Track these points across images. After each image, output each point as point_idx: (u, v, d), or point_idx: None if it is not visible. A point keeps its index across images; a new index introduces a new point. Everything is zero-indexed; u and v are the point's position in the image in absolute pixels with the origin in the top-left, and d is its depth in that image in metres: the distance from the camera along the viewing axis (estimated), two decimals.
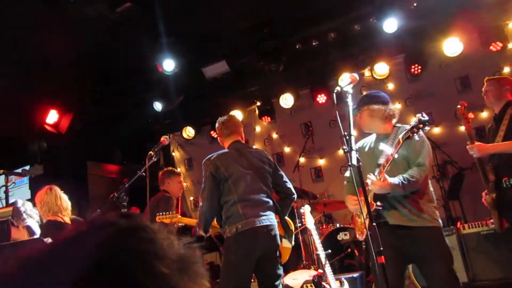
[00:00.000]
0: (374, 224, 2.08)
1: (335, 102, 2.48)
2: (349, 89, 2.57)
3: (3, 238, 3.79)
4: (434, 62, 6.43)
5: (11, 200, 4.92)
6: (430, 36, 6.18)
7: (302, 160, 7.03)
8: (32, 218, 4.30)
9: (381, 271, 1.99)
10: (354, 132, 2.39)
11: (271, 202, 3.44)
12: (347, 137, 2.29)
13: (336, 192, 7.08)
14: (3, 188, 5.35)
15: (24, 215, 4.18)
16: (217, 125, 3.76)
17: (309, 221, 4.03)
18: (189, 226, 4.51)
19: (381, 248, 2.05)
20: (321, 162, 7.37)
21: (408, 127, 2.70)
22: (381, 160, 2.88)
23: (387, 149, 2.82)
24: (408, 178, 2.77)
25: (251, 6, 5.70)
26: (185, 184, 8.58)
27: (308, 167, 7.36)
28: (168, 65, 5.90)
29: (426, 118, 2.58)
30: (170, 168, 5.25)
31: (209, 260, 6.46)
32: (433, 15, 5.72)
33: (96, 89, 6.90)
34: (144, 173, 2.92)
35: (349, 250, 5.03)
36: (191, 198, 8.41)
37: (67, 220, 4.00)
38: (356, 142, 2.56)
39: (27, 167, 7.31)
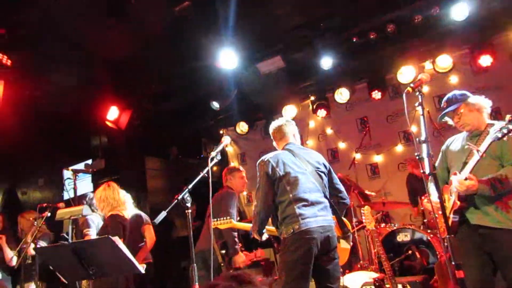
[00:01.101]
0: (452, 235, 1.96)
1: (405, 104, 2.34)
2: (421, 89, 2.42)
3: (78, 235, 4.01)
4: (503, 53, 6.01)
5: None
6: (499, 24, 5.78)
7: (358, 156, 6.86)
8: (96, 212, 4.51)
9: (461, 286, 1.87)
10: (426, 135, 2.25)
11: (327, 203, 3.38)
12: (423, 142, 2.16)
13: (394, 190, 6.86)
14: (68, 181, 5.63)
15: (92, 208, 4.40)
16: (270, 130, 3.74)
17: (369, 222, 3.91)
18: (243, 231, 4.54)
19: (461, 262, 1.93)
20: (378, 158, 7.15)
21: (500, 125, 2.53)
22: (469, 159, 2.73)
23: (476, 147, 2.66)
24: (499, 179, 2.60)
25: (306, 1, 5.59)
26: None
27: (364, 164, 7.17)
28: (226, 61, 5.92)
29: None
30: (233, 165, 5.32)
31: (264, 256, 6.47)
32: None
33: (152, 86, 7.08)
34: (206, 174, 2.94)
35: (409, 252, 4.85)
36: (244, 193, 8.47)
37: (126, 214, 4.14)
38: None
39: (89, 161, 7.66)
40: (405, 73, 6.22)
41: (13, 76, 5.88)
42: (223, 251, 4.56)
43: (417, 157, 2.21)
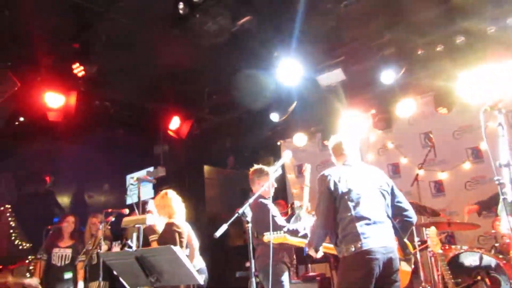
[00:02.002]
0: None
1: (483, 123, 2.20)
2: (500, 108, 2.26)
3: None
4: None
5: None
6: None
7: (421, 172, 6.56)
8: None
9: None
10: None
11: (389, 223, 3.24)
12: (504, 166, 2.00)
13: (459, 209, 6.45)
14: (131, 187, 5.86)
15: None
16: (330, 145, 3.65)
17: (435, 244, 3.70)
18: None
19: None
20: (443, 176, 6.79)
21: None
22: None
23: None
24: None
25: (369, 12, 5.48)
26: (294, 190, 8.65)
27: (427, 181, 6.83)
28: (287, 73, 5.94)
29: None
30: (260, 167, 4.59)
31: (318, 272, 6.35)
32: None
33: (213, 96, 7.24)
34: (267, 188, 2.93)
35: (478, 277, 4.53)
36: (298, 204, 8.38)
37: (178, 222, 4.21)
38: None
39: (151, 169, 7.96)
40: (474, 87, 5.88)
41: (85, 86, 6.26)
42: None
43: (497, 182, 2.06)
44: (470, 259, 4.72)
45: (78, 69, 5.66)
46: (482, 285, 4.51)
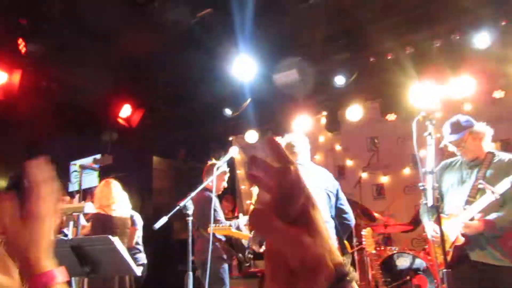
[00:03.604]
0: (449, 270, 1.95)
1: (415, 132, 2.34)
2: (432, 119, 2.41)
3: None
4: None
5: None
6: None
7: (364, 175, 6.83)
8: None
9: None
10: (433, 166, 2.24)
11: (332, 223, 3.37)
12: (429, 173, 2.14)
13: (398, 212, 6.79)
14: (74, 174, 5.68)
15: None
16: (282, 143, 3.73)
17: (369, 245, 3.89)
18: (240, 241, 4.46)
19: None
20: (384, 179, 7.11)
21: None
22: (473, 194, 2.71)
23: (491, 188, 2.61)
24: (505, 222, 2.59)
25: (328, 17, 5.62)
26: (243, 186, 8.72)
27: (369, 183, 7.12)
28: (243, 70, 5.96)
29: None
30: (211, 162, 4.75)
31: (260, 268, 6.45)
32: None
33: (168, 89, 7.14)
34: (211, 183, 2.95)
35: (407, 277, 4.79)
36: (248, 201, 8.47)
37: (115, 214, 4.13)
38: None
39: (98, 156, 7.73)
40: (419, 97, 6.19)
41: (31, 66, 5.97)
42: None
43: (421, 188, 2.20)
44: (402, 260, 4.99)
45: (21, 46, 5.39)
46: (410, 285, 4.79)
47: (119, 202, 4.17)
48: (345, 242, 3.68)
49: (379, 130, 7.23)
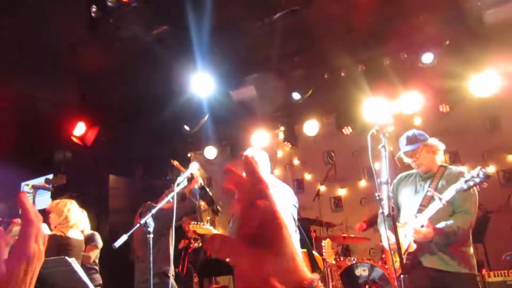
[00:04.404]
0: (406, 276, 2.03)
1: (370, 145, 2.44)
2: (385, 132, 2.53)
3: None
4: (465, 100, 6.33)
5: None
6: (460, 74, 6.12)
7: (322, 188, 6.97)
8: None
9: None
10: (386, 178, 2.34)
11: (298, 236, 3.42)
12: (384, 183, 2.25)
13: (355, 223, 6.95)
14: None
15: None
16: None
17: (329, 255, 3.97)
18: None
19: None
20: (342, 192, 7.29)
21: (464, 178, 2.65)
22: (425, 202, 2.85)
23: (439, 196, 2.76)
24: (454, 228, 2.74)
25: (283, 35, 5.77)
26: (202, 203, 8.63)
27: (328, 196, 7.29)
28: (200, 86, 5.98)
29: (488, 174, 2.56)
30: None
31: (222, 284, 6.39)
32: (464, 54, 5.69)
33: (124, 105, 7.01)
34: (171, 199, 2.92)
35: (366, 286, 4.92)
36: (208, 217, 8.39)
37: (72, 235, 3.95)
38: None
39: (50, 176, 7.43)
40: (372, 112, 6.45)
41: None
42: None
43: (377, 198, 2.30)
44: (361, 270, 5.11)
45: None
46: None
47: (76, 222, 4.00)
48: (317, 256, 3.72)
49: (335, 144, 7.43)
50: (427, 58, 5.62)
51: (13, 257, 0.75)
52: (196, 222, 4.20)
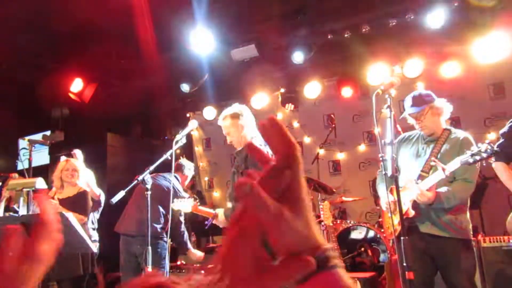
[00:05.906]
0: (406, 237, 2.02)
1: (374, 106, 2.38)
2: (391, 92, 2.46)
3: None
4: (469, 64, 6.20)
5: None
6: (465, 38, 5.96)
7: (321, 152, 6.94)
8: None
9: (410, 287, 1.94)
10: (391, 138, 2.29)
11: None
12: (388, 144, 2.20)
13: (353, 188, 7.02)
14: (23, 151, 5.40)
15: None
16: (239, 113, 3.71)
17: (327, 218, 3.99)
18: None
19: (411, 264, 2.00)
20: (341, 156, 7.28)
21: (471, 151, 2.59)
22: (426, 169, 2.82)
23: (443, 166, 2.70)
24: (455, 194, 2.71)
25: None
26: (201, 164, 8.65)
27: (326, 160, 7.27)
28: (201, 44, 5.82)
29: (496, 150, 2.49)
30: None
31: (219, 244, 6.48)
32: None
33: (121, 62, 6.86)
34: (170, 157, 2.88)
35: (362, 249, 4.99)
36: (206, 178, 8.43)
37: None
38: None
39: (48, 132, 7.37)
40: (375, 75, 6.34)
41: None
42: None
43: (381, 159, 2.26)
44: (357, 233, 5.17)
45: None
46: (365, 255, 4.98)
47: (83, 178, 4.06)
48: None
49: (336, 107, 7.35)
50: (434, 20, 5.45)
51: (20, 256, 0.75)
52: (179, 200, 4.13)
